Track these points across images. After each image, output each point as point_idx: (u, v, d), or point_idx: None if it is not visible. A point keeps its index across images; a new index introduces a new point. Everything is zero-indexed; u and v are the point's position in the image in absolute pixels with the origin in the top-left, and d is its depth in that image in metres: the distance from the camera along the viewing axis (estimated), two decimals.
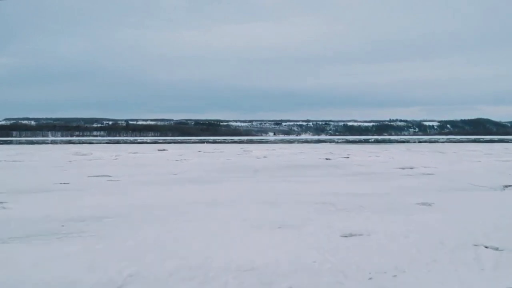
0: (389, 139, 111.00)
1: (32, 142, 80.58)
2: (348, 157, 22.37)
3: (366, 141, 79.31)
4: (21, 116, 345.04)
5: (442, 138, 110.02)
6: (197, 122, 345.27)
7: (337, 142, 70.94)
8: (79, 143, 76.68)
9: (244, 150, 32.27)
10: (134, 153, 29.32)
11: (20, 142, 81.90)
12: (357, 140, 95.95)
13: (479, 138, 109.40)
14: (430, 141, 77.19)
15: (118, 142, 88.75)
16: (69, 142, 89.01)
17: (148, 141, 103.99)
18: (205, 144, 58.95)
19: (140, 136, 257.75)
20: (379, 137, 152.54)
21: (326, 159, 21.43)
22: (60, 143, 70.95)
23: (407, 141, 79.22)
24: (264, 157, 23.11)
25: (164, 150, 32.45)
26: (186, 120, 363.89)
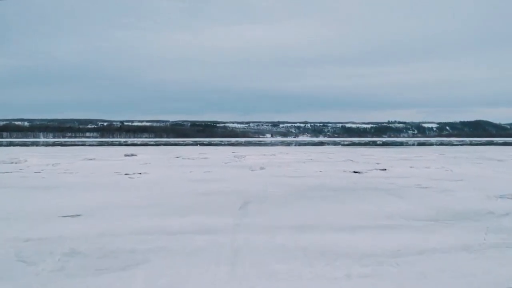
0: (400, 141, 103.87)
1: (3, 144, 72.99)
2: (385, 169, 15.14)
3: (375, 144, 72.10)
4: (15, 117, 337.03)
5: (456, 141, 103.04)
6: (193, 123, 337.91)
7: (343, 145, 63.66)
8: (60, 145, 69.30)
9: (235, 156, 25.00)
10: (90, 159, 22.06)
11: None
12: (363, 142, 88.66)
13: (492, 141, 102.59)
14: (445, 144, 70.11)
15: (104, 144, 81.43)
16: (53, 144, 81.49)
17: (138, 142, 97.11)
18: (194, 147, 51.71)
19: (134, 137, 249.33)
20: (385, 139, 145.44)
21: (355, 172, 14.19)
22: (31, 145, 63.27)
23: (420, 144, 72.14)
24: (261, 168, 15.86)
25: (132, 155, 25.18)
26: (183, 121, 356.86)
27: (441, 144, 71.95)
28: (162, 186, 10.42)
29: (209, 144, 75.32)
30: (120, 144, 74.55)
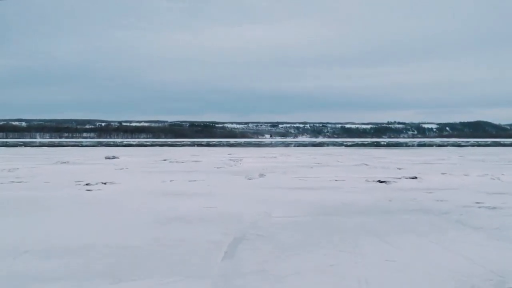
0: (405, 142, 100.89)
1: None
2: (415, 178, 12.08)
3: (379, 145, 69.13)
4: (14, 117, 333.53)
5: (461, 141, 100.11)
6: (192, 124, 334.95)
7: (346, 145, 60.63)
8: (52, 146, 66.30)
9: (231, 159, 21.96)
10: (63, 163, 19.01)
11: None
12: (366, 143, 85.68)
13: (498, 141, 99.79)
14: (452, 145, 67.20)
15: (97, 145, 78.45)
16: (43, 144, 78.39)
17: (134, 143, 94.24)
18: (189, 148, 48.70)
19: (132, 138, 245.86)
20: (388, 140, 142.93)
21: (380, 182, 11.13)
22: (20, 146, 60.09)
23: (427, 145, 69.17)
24: (261, 175, 12.81)
25: (114, 158, 22.10)
26: (181, 121, 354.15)
27: (448, 144, 69.01)
28: (121, 206, 7.34)
29: (207, 144, 72.41)
30: (115, 145, 71.63)
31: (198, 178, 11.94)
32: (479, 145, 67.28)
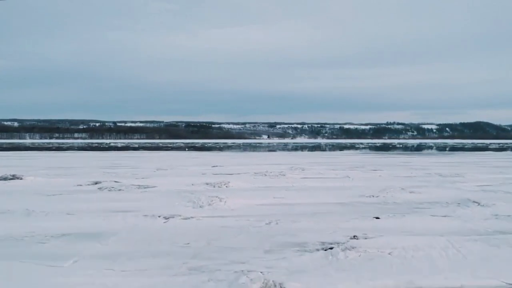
0: (422, 144, 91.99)
1: None
2: None
3: (395, 147, 60.21)
4: (7, 118, 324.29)
5: (485, 144, 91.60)
6: (187, 124, 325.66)
7: (358, 148, 51.60)
8: (14, 149, 57.66)
9: (209, 183, 12.96)
10: None
11: None
12: (378, 145, 76.72)
13: None
14: (485, 149, 58.53)
15: (72, 148, 69.75)
16: (10, 146, 69.55)
17: (119, 145, 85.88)
18: (167, 153, 39.85)
19: (125, 138, 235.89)
20: (400, 141, 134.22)
21: None
22: None
23: (451, 149, 60.47)
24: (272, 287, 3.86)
25: (12, 179, 13.12)
26: (177, 122, 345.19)
27: (475, 148, 60.45)
28: None
29: (199, 147, 63.84)
30: (93, 148, 63.17)
31: None
32: (507, 148, 58.78)
